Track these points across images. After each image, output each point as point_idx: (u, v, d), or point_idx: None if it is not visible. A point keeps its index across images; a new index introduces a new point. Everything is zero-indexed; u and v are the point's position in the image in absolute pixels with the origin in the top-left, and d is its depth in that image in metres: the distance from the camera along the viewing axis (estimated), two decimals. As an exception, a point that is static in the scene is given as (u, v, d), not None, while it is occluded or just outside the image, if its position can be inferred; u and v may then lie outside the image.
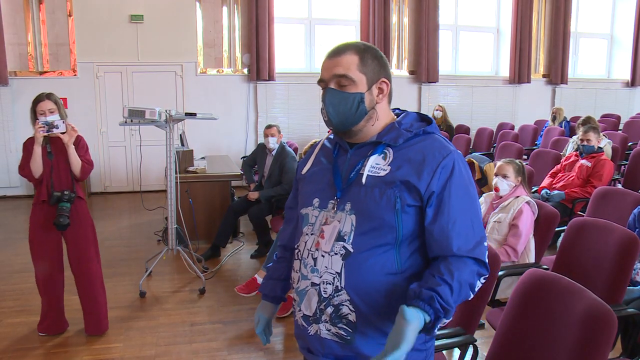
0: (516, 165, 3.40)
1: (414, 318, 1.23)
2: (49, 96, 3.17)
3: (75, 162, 3.20)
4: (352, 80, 1.39)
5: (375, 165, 1.39)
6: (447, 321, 1.34)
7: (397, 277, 1.37)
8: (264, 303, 1.71)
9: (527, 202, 3.21)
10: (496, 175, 3.41)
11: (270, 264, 1.75)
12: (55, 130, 3.11)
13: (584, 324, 1.65)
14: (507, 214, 3.22)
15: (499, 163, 3.47)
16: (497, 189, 3.37)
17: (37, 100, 3.15)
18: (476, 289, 1.37)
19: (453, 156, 1.37)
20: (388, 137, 1.41)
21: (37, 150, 3.11)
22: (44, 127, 3.08)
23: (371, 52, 1.42)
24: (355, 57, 1.40)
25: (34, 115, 3.15)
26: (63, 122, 3.13)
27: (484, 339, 3.12)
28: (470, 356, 2.08)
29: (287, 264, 1.67)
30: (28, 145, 3.17)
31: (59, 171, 3.21)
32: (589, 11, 10.31)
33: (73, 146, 3.19)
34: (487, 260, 1.39)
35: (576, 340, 1.65)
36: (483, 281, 1.39)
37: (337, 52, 1.42)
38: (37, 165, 3.14)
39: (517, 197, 3.29)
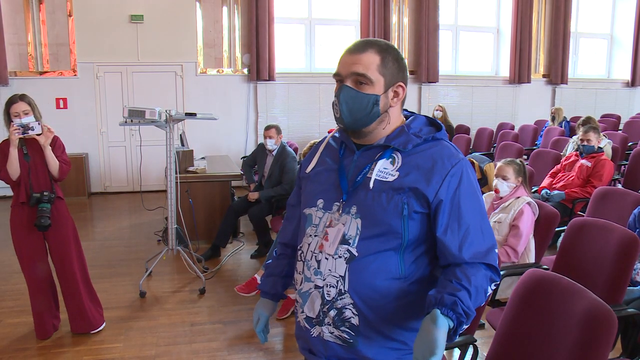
0: (516, 165, 3.38)
1: (444, 324, 1.22)
2: (22, 97, 3.14)
3: (53, 163, 3.19)
4: (371, 80, 1.36)
5: (383, 169, 1.37)
6: (466, 327, 1.32)
7: (401, 282, 1.36)
8: (263, 301, 1.69)
9: (528, 203, 3.20)
10: (496, 176, 3.40)
11: (269, 261, 1.73)
12: (30, 132, 3.09)
13: (584, 324, 1.65)
14: (507, 214, 3.21)
15: (498, 164, 3.45)
16: (497, 191, 3.36)
17: (11, 102, 3.12)
18: (488, 295, 1.37)
19: (462, 164, 1.36)
20: (397, 141, 1.39)
21: (13, 153, 3.10)
22: (19, 129, 3.06)
23: (392, 54, 1.39)
24: (377, 57, 1.36)
25: (8, 117, 3.13)
26: (38, 124, 3.11)
27: (484, 339, 3.12)
28: (470, 356, 2.08)
29: (287, 260, 1.66)
30: (3, 147, 3.14)
31: (36, 172, 3.19)
32: (589, 11, 10.31)
33: (50, 147, 3.18)
34: (498, 267, 1.38)
35: (576, 340, 1.65)
36: (494, 287, 1.39)
37: (359, 49, 1.37)
38: (14, 168, 3.12)
39: (518, 197, 3.28)
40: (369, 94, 1.36)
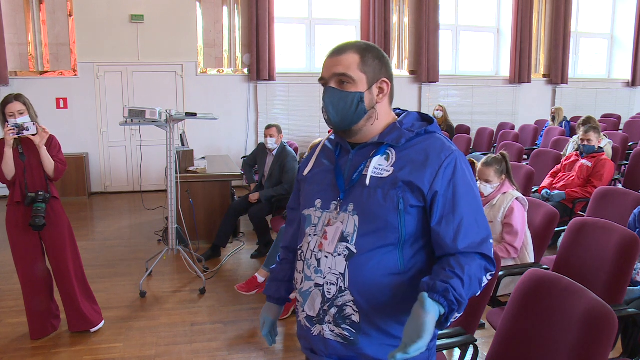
0: (497, 165, 3.27)
1: (433, 308, 1.21)
2: (17, 97, 3.13)
3: (48, 163, 3.19)
4: (352, 79, 1.39)
5: (378, 166, 1.39)
6: (459, 316, 1.33)
7: (401, 278, 1.36)
8: (269, 305, 1.71)
9: (517, 198, 3.16)
10: (478, 179, 3.30)
11: (274, 266, 1.75)
12: (25, 133, 3.09)
13: (584, 324, 1.65)
14: (497, 212, 3.17)
15: (478, 166, 3.35)
16: (481, 194, 3.30)
17: (6, 102, 3.11)
18: (483, 285, 1.37)
19: (455, 155, 1.38)
20: (390, 137, 1.41)
21: (8, 153, 3.10)
22: (13, 129, 3.06)
23: (373, 52, 1.42)
24: (357, 56, 1.40)
25: (3, 117, 3.12)
26: (33, 124, 3.11)
27: (484, 339, 3.12)
28: (471, 356, 2.07)
29: (290, 265, 1.67)
30: None
31: (32, 172, 3.19)
32: (590, 11, 10.31)
33: (45, 147, 3.17)
34: (492, 257, 1.39)
35: (576, 340, 1.65)
36: (489, 277, 1.39)
37: (339, 51, 1.42)
38: (9, 168, 3.12)
39: (505, 193, 3.23)
40: (352, 92, 1.39)
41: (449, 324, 1.29)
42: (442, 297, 1.25)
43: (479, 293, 1.37)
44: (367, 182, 1.37)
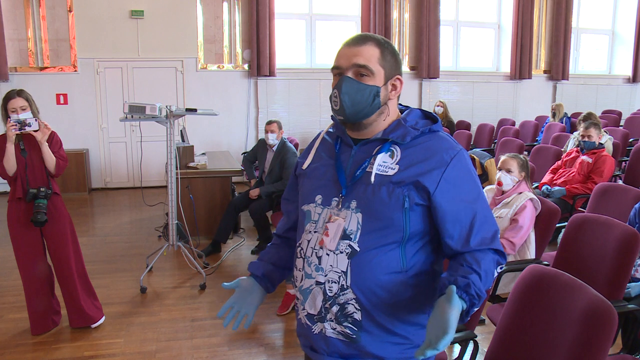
0: (520, 160, 3.40)
1: (458, 303, 1.23)
2: (20, 93, 3.13)
3: (50, 159, 3.19)
4: (372, 72, 1.37)
5: (383, 163, 1.37)
6: (475, 310, 1.35)
7: (402, 276, 1.36)
8: (250, 280, 1.65)
9: (531, 199, 3.20)
10: (500, 169, 3.40)
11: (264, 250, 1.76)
12: (27, 129, 3.09)
13: (584, 320, 1.65)
14: (509, 209, 3.22)
15: (502, 157, 3.46)
16: (500, 183, 3.36)
17: (8, 98, 3.11)
18: (494, 278, 1.39)
19: (460, 155, 1.38)
20: (395, 134, 1.40)
21: (10, 149, 3.09)
22: (15, 125, 3.05)
23: (390, 48, 1.41)
24: (377, 49, 1.38)
25: (6, 113, 3.12)
26: (35, 120, 3.11)
27: (484, 335, 3.13)
28: (471, 352, 2.08)
29: (276, 249, 1.67)
30: (0, 143, 3.13)
31: (33, 168, 3.19)
32: (590, 7, 10.28)
33: (47, 143, 3.17)
34: (503, 250, 1.41)
35: (577, 336, 1.65)
36: (499, 270, 1.41)
37: (359, 41, 1.39)
38: (10, 164, 3.12)
39: (521, 193, 3.28)
40: (370, 85, 1.37)
41: (468, 318, 1.31)
42: (464, 292, 1.27)
43: (491, 286, 1.39)
44: (372, 179, 1.36)
